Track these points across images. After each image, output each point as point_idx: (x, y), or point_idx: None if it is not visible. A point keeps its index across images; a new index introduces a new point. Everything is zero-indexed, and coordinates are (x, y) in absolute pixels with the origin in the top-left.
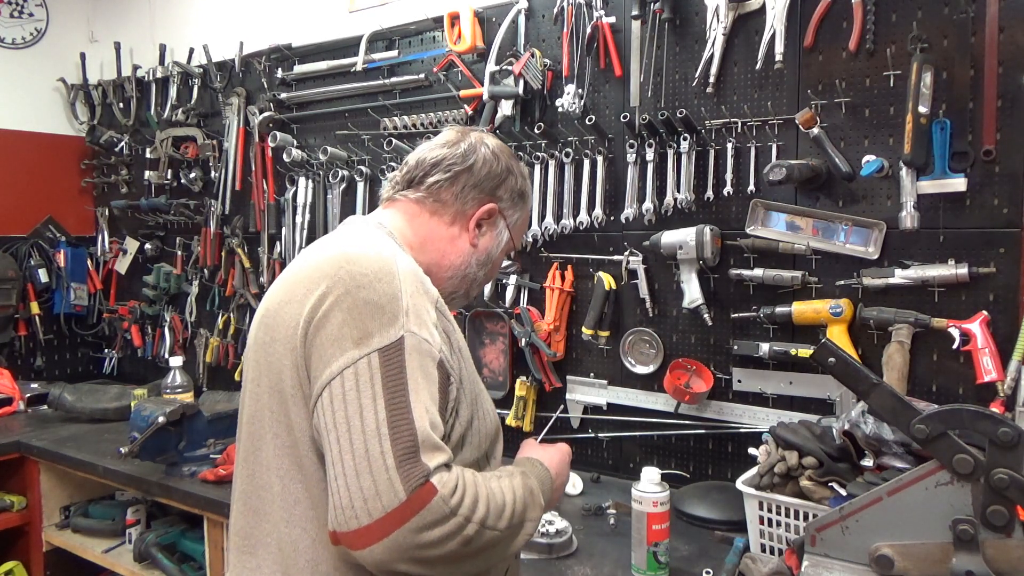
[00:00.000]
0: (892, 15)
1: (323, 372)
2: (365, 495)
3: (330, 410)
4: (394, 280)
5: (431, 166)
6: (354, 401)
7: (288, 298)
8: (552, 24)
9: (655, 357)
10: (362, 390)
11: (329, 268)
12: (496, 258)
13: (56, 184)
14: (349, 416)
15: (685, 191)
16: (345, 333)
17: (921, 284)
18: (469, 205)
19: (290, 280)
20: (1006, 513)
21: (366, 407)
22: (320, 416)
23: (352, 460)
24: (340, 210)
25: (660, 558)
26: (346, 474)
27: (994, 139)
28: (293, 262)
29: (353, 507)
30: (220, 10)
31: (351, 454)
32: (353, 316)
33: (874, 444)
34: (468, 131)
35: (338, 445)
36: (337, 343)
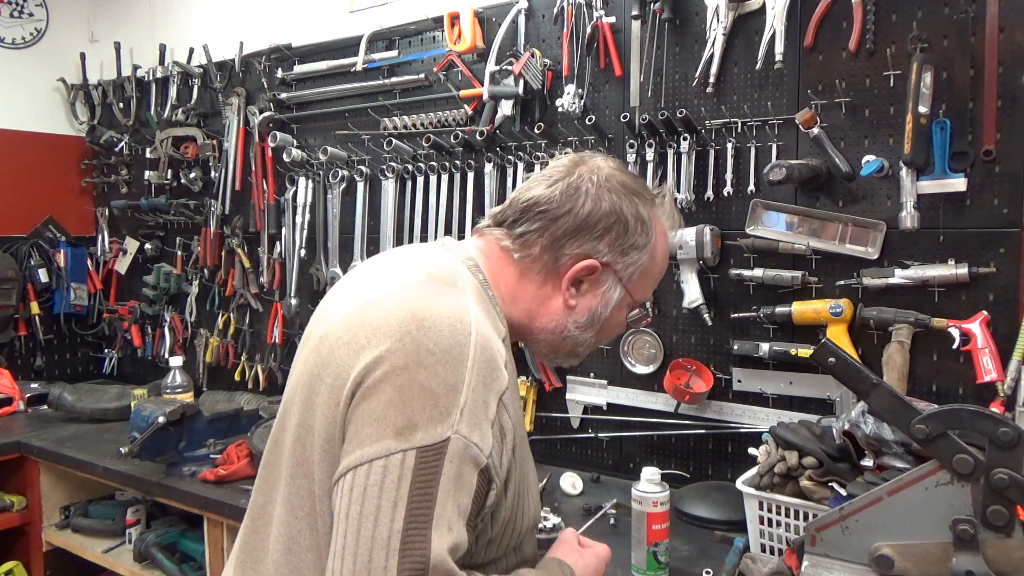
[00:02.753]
0: (892, 15)
1: (355, 451)
2: None
3: (348, 499)
4: (460, 367)
5: (523, 210)
6: (373, 500)
7: (348, 339)
8: (552, 24)
9: (655, 357)
10: (385, 490)
11: (396, 325)
12: (607, 318)
13: (56, 184)
14: (363, 515)
15: (685, 191)
16: (389, 416)
17: (921, 284)
18: (563, 260)
19: (356, 316)
20: (1006, 513)
21: (383, 511)
22: (338, 499)
23: (352, 564)
24: (340, 210)
25: (660, 558)
26: (350, 566)
27: (994, 139)
28: (367, 279)
29: None
30: (220, 10)
31: (353, 556)
32: (403, 398)
33: (874, 444)
34: (583, 160)
35: (344, 540)
36: (378, 424)
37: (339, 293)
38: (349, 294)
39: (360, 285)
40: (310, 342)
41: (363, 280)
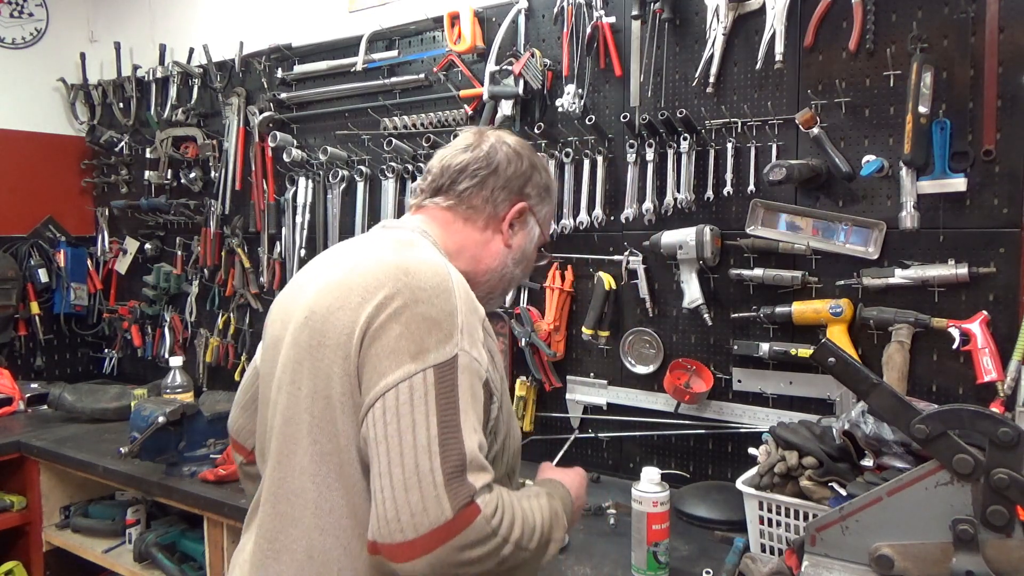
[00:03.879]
0: (892, 15)
1: (378, 383)
2: (412, 510)
3: (382, 422)
4: (451, 297)
5: (458, 172)
6: (407, 415)
7: (340, 304)
8: (552, 24)
9: (655, 357)
10: (416, 405)
11: (387, 277)
12: (530, 254)
13: (56, 184)
14: (402, 430)
15: (685, 191)
16: (402, 346)
17: (921, 284)
18: (500, 207)
19: (340, 285)
20: (1006, 513)
21: (419, 422)
22: (371, 427)
23: (401, 474)
24: (340, 210)
25: (660, 558)
26: (394, 487)
27: (994, 139)
28: (332, 263)
29: (399, 520)
30: (220, 10)
31: (400, 468)
32: (411, 330)
33: (874, 444)
34: (486, 131)
35: (387, 457)
36: (394, 355)
37: (305, 281)
38: (319, 277)
39: (327, 268)
40: (293, 324)
41: (328, 265)
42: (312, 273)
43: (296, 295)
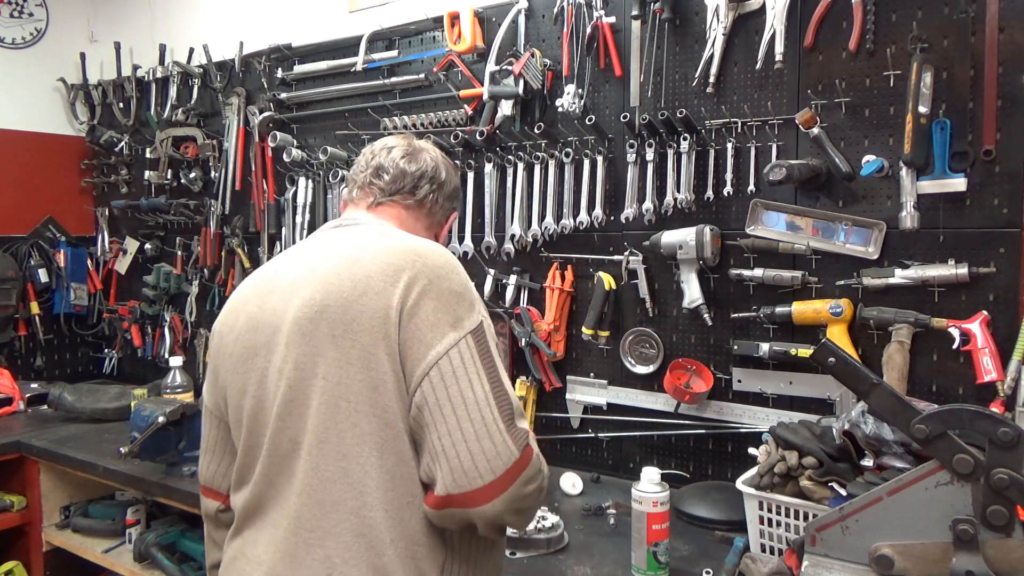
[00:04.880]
0: (892, 15)
1: (427, 353)
2: (487, 456)
3: (442, 386)
4: (461, 272)
5: (418, 178)
6: (463, 377)
7: (361, 291)
8: (552, 24)
9: (655, 357)
10: (468, 367)
11: (404, 261)
12: None
13: (56, 184)
14: (462, 390)
15: (685, 191)
16: (441, 319)
17: (921, 284)
18: (441, 215)
19: (351, 276)
20: (1006, 513)
21: (473, 381)
22: (429, 393)
23: (471, 427)
24: (340, 210)
25: (660, 558)
26: (466, 440)
27: (994, 139)
28: (310, 264)
29: (476, 468)
30: (220, 10)
31: (469, 422)
32: (443, 303)
33: (874, 444)
34: (414, 139)
35: (455, 416)
36: (435, 328)
37: (273, 288)
38: (306, 278)
39: (310, 268)
40: (291, 325)
41: (305, 267)
42: (282, 279)
43: (270, 303)
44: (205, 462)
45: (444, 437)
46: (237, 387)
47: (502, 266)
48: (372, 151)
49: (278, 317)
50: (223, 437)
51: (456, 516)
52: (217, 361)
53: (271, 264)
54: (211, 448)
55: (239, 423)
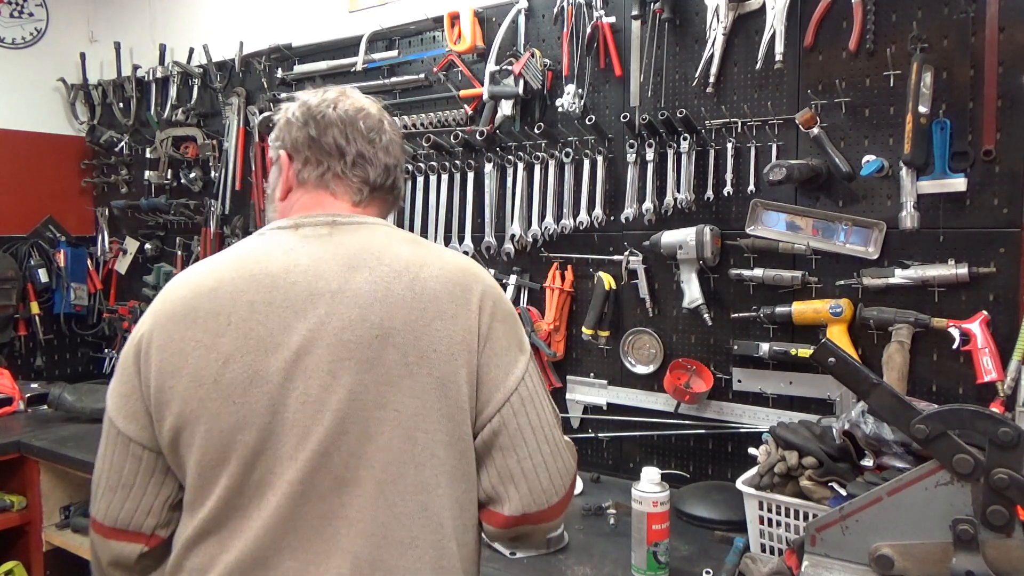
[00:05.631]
0: (892, 15)
1: (506, 380)
2: (560, 474)
3: (523, 411)
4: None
5: (395, 168)
6: (539, 399)
7: (434, 314)
8: (552, 24)
9: (655, 357)
10: (539, 389)
11: (465, 280)
12: None
13: (56, 184)
14: (539, 412)
15: (685, 191)
16: (512, 342)
17: (921, 284)
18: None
19: (420, 296)
20: (1006, 513)
21: (545, 404)
22: (510, 419)
23: (548, 448)
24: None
25: (660, 558)
26: (545, 462)
27: (994, 139)
28: (357, 269)
29: (553, 485)
30: (220, 10)
31: (547, 443)
32: (509, 326)
33: (874, 444)
34: (373, 104)
35: (535, 439)
36: (508, 352)
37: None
38: (340, 295)
39: (344, 273)
40: (356, 352)
41: (341, 266)
42: (287, 290)
43: (275, 318)
44: (117, 500)
45: (524, 460)
46: (230, 419)
47: (502, 266)
48: (338, 121)
49: (297, 338)
50: (148, 469)
51: (522, 531)
52: (173, 384)
53: (239, 265)
54: (127, 483)
55: (221, 460)
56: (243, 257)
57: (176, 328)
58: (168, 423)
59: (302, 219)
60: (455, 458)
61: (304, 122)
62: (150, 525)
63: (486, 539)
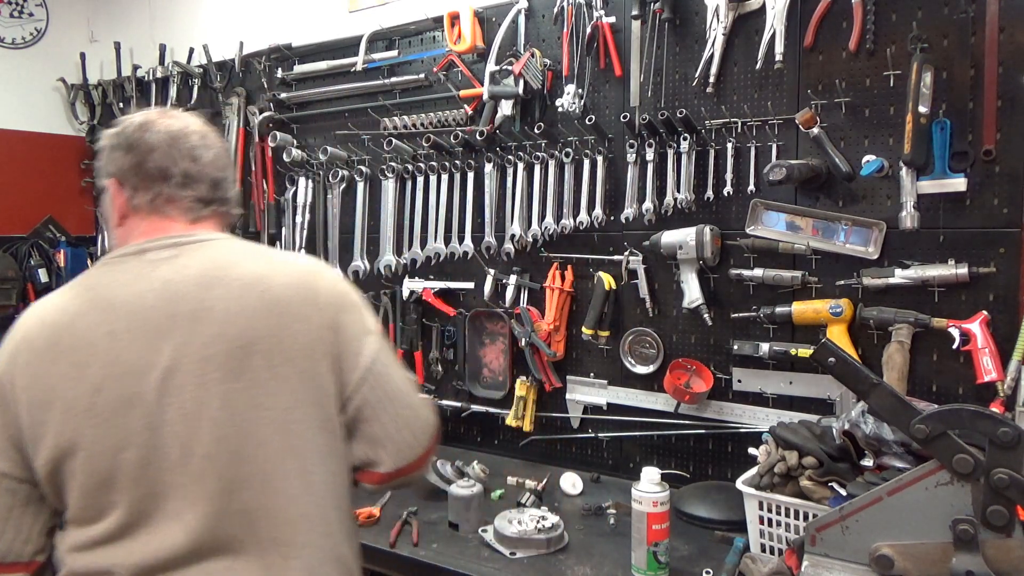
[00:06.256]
0: (892, 15)
1: (359, 361)
2: (423, 429)
3: (379, 385)
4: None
5: (223, 180)
6: (394, 368)
7: (289, 319)
8: (552, 24)
9: (655, 357)
10: (389, 363)
11: (309, 281)
12: None
13: (56, 184)
14: (393, 382)
15: (685, 191)
16: (359, 329)
17: (921, 284)
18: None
19: (271, 304)
20: (1006, 513)
21: (397, 373)
22: (370, 393)
23: (407, 411)
24: (340, 210)
25: (660, 558)
26: (408, 421)
27: (994, 139)
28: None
29: (417, 441)
30: (220, 10)
31: (405, 408)
32: (355, 314)
33: (874, 444)
34: (196, 123)
35: (393, 407)
36: (358, 337)
37: (134, 327)
38: (200, 311)
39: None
40: (201, 365)
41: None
42: (142, 317)
43: (137, 346)
44: None
45: (388, 424)
46: (109, 442)
47: (502, 266)
48: (159, 144)
49: (165, 358)
50: (23, 501)
51: (399, 483)
52: (46, 417)
53: (91, 297)
54: (3, 517)
55: (109, 480)
56: (94, 288)
57: (40, 364)
58: (44, 455)
59: (145, 244)
60: (328, 439)
61: (126, 149)
62: (29, 552)
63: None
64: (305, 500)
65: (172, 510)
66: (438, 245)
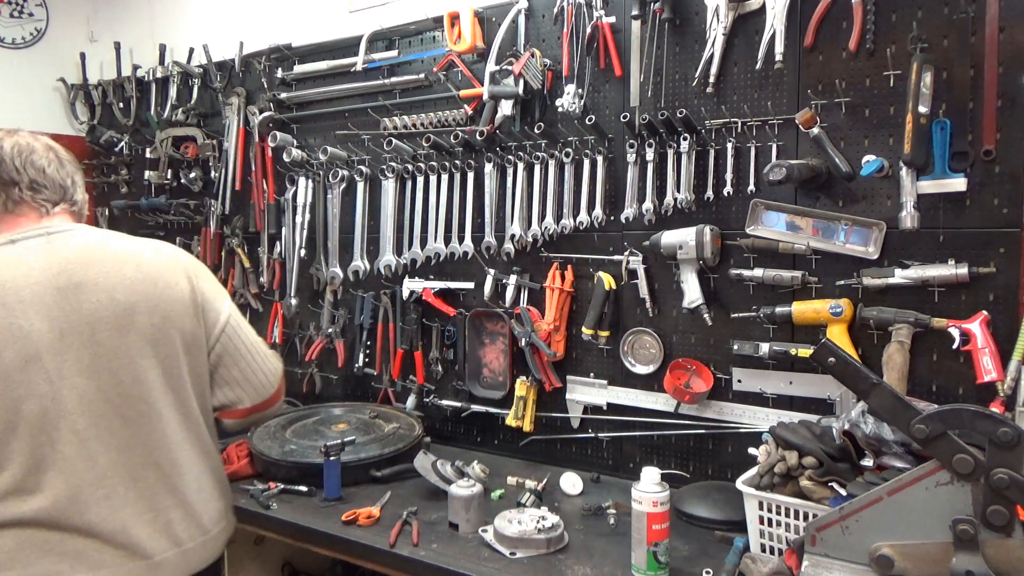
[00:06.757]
0: (892, 15)
1: (219, 318)
2: (273, 372)
3: (235, 335)
4: None
5: (72, 185)
6: (245, 327)
7: (163, 286)
8: (552, 24)
9: (655, 357)
10: (241, 322)
11: (171, 257)
12: None
13: None
14: (248, 334)
15: (685, 191)
16: (216, 293)
17: (921, 284)
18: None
19: (149, 275)
20: (1006, 513)
21: (249, 330)
22: (227, 342)
23: (261, 357)
24: (340, 210)
25: (660, 558)
26: (261, 365)
27: (994, 139)
28: (88, 264)
29: (269, 380)
30: (220, 10)
31: (259, 354)
32: (211, 283)
33: (874, 444)
34: (28, 138)
35: (249, 353)
36: (217, 299)
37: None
38: (84, 287)
39: (84, 278)
40: (88, 329)
41: (69, 264)
42: (32, 290)
43: (31, 312)
44: None
45: (245, 368)
46: (12, 395)
47: (502, 266)
48: (6, 158)
49: (57, 323)
50: None
51: (254, 419)
52: None
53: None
54: None
55: (10, 430)
56: None
57: None
58: None
59: (14, 236)
60: (198, 380)
61: None
62: None
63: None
64: (185, 426)
65: (70, 452)
66: (438, 245)
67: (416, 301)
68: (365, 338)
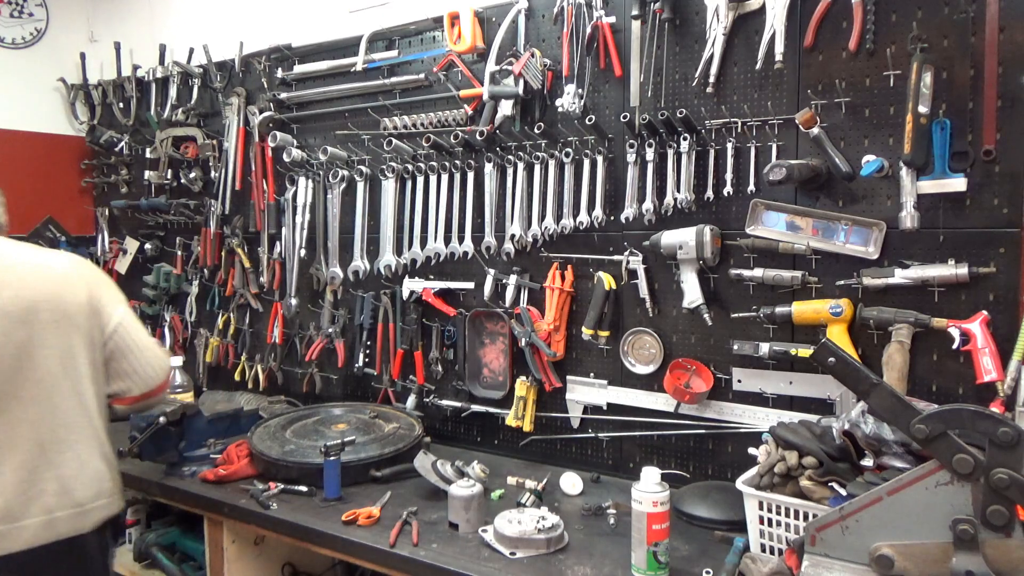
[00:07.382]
0: (892, 15)
1: (113, 317)
2: (160, 366)
3: (127, 333)
4: None
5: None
6: (136, 327)
7: (64, 287)
8: (552, 24)
9: (655, 357)
10: (134, 322)
11: (72, 265)
12: None
13: (56, 184)
14: (138, 333)
15: (685, 191)
16: (112, 298)
17: (921, 284)
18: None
19: (52, 278)
20: (1006, 513)
21: (141, 330)
22: (120, 339)
23: (150, 352)
24: (340, 210)
25: (660, 558)
26: (149, 359)
27: (994, 139)
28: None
29: (156, 372)
30: (220, 10)
31: (148, 350)
32: (109, 289)
33: (874, 444)
34: None
35: (139, 348)
36: (111, 303)
37: None
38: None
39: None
40: (19, 316)
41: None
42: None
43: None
44: None
45: (135, 362)
46: None
47: (502, 266)
48: None
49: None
50: None
51: (142, 405)
52: None
53: None
54: None
55: None
56: None
57: None
58: None
59: None
60: (92, 370)
61: None
62: None
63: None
64: (77, 410)
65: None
66: (438, 245)
67: (416, 301)
68: (365, 338)
